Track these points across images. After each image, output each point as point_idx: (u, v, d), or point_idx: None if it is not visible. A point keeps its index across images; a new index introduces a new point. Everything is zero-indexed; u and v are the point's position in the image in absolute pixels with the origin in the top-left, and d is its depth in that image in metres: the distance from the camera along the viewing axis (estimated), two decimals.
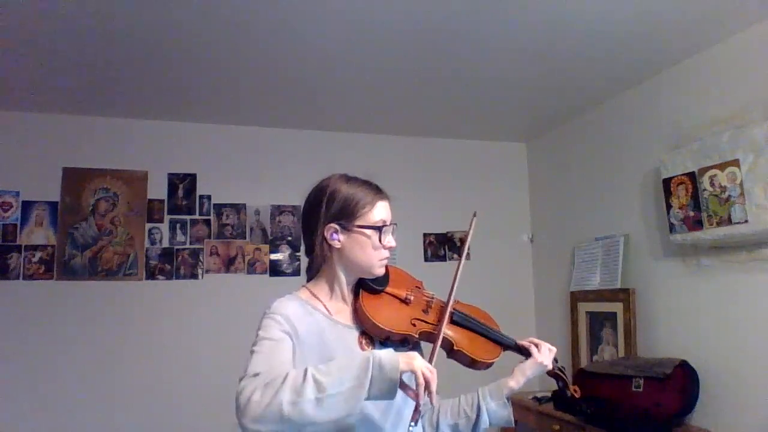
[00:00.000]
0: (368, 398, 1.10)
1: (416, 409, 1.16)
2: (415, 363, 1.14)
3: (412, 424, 1.16)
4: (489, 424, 1.42)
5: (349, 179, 1.39)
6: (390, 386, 1.11)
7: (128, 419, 3.21)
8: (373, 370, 1.10)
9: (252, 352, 1.22)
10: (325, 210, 1.34)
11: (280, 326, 1.26)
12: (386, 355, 1.13)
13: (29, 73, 2.81)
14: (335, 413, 1.08)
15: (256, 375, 1.12)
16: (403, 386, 1.15)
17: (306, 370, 1.10)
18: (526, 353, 1.48)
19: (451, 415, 1.44)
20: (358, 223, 1.34)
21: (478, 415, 1.41)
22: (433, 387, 1.14)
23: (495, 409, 1.42)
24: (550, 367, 1.47)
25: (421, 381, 1.13)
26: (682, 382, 2.50)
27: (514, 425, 1.47)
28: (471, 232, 1.53)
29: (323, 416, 1.07)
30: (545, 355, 1.46)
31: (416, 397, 1.14)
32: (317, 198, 1.37)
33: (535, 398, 3.22)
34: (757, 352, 2.34)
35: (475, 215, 1.55)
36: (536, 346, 1.47)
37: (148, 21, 2.31)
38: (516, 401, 3.25)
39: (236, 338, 2.14)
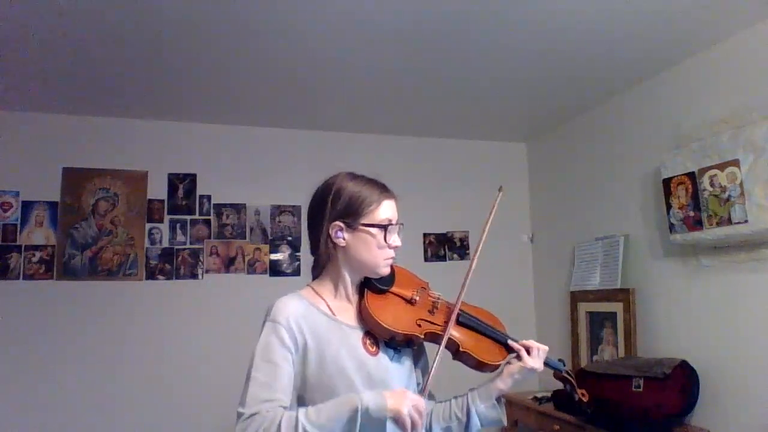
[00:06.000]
0: None
1: None
2: (402, 407, 1.18)
3: None
4: (480, 425, 1.42)
5: (355, 177, 1.39)
6: (379, 425, 1.17)
7: (128, 419, 3.20)
8: (362, 418, 1.16)
9: (249, 376, 1.24)
10: (331, 208, 1.34)
11: (281, 343, 1.26)
12: (373, 400, 1.18)
13: (29, 73, 2.80)
14: None
15: (252, 416, 1.17)
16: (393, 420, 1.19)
17: (297, 419, 1.15)
18: (517, 355, 1.45)
19: (443, 419, 1.44)
20: (363, 221, 1.34)
21: (468, 418, 1.41)
22: (420, 428, 1.20)
23: (484, 411, 1.41)
24: (540, 369, 1.45)
25: (408, 427, 1.18)
26: (682, 382, 2.50)
27: (505, 424, 1.47)
28: (495, 208, 1.51)
29: None
30: (536, 358, 1.43)
31: None
32: (323, 196, 1.37)
33: (535, 398, 3.22)
34: (757, 352, 2.35)
35: (500, 190, 1.51)
36: (527, 349, 1.44)
37: (148, 21, 2.31)
38: (516, 401, 3.25)
39: (236, 338, 2.14)
